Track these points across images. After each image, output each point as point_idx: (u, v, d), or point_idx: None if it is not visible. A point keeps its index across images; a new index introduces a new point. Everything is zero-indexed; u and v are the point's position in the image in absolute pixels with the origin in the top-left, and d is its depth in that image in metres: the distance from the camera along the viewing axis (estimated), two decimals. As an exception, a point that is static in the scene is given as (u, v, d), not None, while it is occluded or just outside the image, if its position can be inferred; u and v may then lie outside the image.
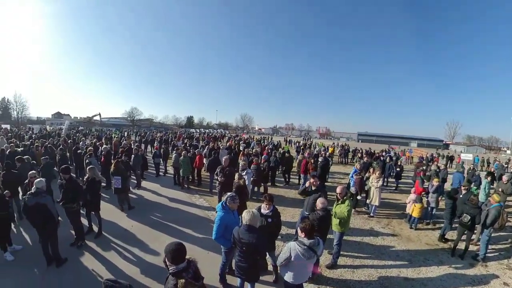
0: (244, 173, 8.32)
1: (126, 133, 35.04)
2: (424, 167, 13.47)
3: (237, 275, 3.93)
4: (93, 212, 6.72)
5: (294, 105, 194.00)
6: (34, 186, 5.20)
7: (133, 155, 11.26)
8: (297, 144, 27.36)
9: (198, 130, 67.45)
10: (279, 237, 6.00)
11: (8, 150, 10.58)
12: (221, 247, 4.58)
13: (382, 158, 17.64)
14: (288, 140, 42.22)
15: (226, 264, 4.70)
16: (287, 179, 12.69)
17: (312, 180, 6.35)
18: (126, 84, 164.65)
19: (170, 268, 2.38)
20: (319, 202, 4.89)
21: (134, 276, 4.96)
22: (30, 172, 6.65)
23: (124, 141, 18.25)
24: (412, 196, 8.39)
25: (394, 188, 13.22)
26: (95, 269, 5.18)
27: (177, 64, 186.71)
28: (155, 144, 19.81)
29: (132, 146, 13.86)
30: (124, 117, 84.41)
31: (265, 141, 33.20)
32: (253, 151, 14.14)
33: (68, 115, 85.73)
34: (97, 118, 69.90)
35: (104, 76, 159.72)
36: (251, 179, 9.18)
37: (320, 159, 11.90)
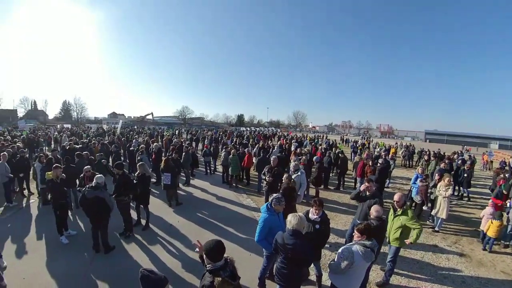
0: (295, 175, 7.94)
1: (177, 131, 37.10)
2: (506, 175, 11.36)
3: (277, 281, 3.72)
4: (142, 206, 7.14)
5: (352, 100, 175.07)
6: (94, 181, 5.70)
7: (183, 153, 11.71)
8: (354, 143, 25.29)
9: (248, 129, 68.51)
10: (326, 245, 5.60)
11: (68, 147, 12.05)
12: (263, 250, 4.45)
13: (450, 161, 14.56)
14: (344, 139, 39.52)
15: (266, 268, 4.55)
16: (341, 183, 11.92)
17: (366, 184, 5.77)
18: (178, 84, 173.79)
19: (207, 265, 2.40)
20: (373, 210, 4.44)
21: (174, 269, 5.14)
22: (85, 167, 7.36)
23: (175, 139, 19.24)
24: (489, 210, 7.09)
25: (465, 199, 11.36)
26: (138, 259, 5.50)
27: (228, 63, 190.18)
28: (205, 143, 20.42)
29: (183, 144, 14.51)
30: (175, 116, 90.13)
31: (319, 140, 31.83)
32: (305, 150, 13.63)
33: (123, 114, 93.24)
34: (150, 117, 75.16)
35: (157, 77, 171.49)
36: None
37: (380, 161, 10.91)
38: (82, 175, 7.34)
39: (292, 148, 16.21)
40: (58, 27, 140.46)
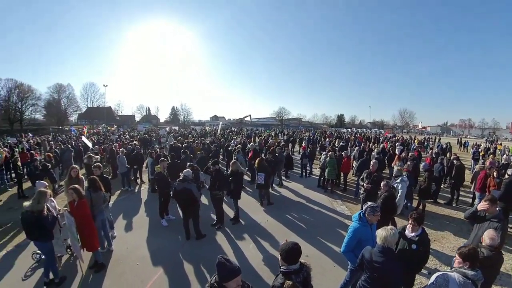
0: (396, 182, 7.22)
1: (273, 132, 38.09)
2: None
3: (356, 301, 3.45)
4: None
5: (472, 93, 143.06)
6: (182, 174, 6.63)
7: (277, 154, 11.96)
8: (476, 148, 20.24)
9: (349, 130, 64.94)
10: (423, 271, 4.88)
11: (172, 145, 14.68)
12: (348, 263, 4.22)
13: None
14: (462, 142, 32.39)
15: (348, 283, 4.28)
16: (455, 197, 9.91)
17: (485, 202, 4.41)
18: (274, 85, 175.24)
19: (281, 267, 2.48)
20: (487, 236, 3.48)
21: (254, 265, 5.50)
22: (188, 164, 8.56)
23: (271, 140, 19.91)
24: None
25: None
26: (224, 249, 6.18)
27: (327, 61, 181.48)
28: (302, 144, 20.17)
29: (278, 145, 14.82)
30: (272, 117, 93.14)
31: (430, 142, 27.89)
32: (409, 155, 12.07)
33: (223, 117, 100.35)
34: (248, 119, 78.83)
35: (255, 81, 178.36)
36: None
37: (508, 173, 8.10)
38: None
39: (397, 152, 14.63)
40: (165, 45, 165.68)
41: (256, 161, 9.44)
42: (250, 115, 79.09)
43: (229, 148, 13.97)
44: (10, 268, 5.53)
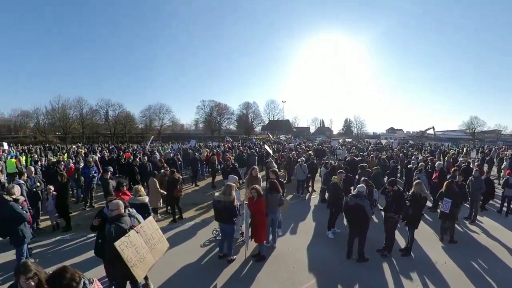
0: None
1: (464, 148, 31.96)
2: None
3: None
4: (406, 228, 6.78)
5: None
6: (356, 189, 6.43)
7: (471, 177, 9.51)
8: None
9: None
10: None
11: (347, 159, 14.29)
12: None
13: None
14: None
15: None
16: None
17: None
18: (462, 92, 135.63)
19: None
20: None
21: None
22: (362, 179, 8.10)
23: (461, 158, 17.00)
24: None
25: None
26: (386, 281, 5.54)
27: None
28: (502, 167, 15.66)
29: (471, 166, 12.46)
30: (462, 130, 75.92)
31: None
32: None
33: (401, 129, 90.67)
34: (431, 131, 69.62)
35: (439, 83, 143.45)
36: None
37: None
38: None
39: None
40: (335, 58, 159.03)
41: (444, 184, 7.83)
42: (433, 127, 69.38)
43: (408, 166, 12.61)
44: (194, 235, 7.67)
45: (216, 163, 14.81)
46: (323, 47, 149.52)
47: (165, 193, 8.57)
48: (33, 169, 8.85)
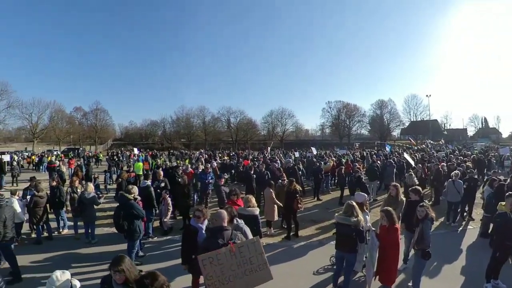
0: None
1: None
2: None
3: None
4: None
5: None
6: None
7: None
8: None
9: None
10: None
11: None
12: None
13: None
14: None
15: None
16: None
17: None
18: None
19: None
20: None
21: None
22: None
23: None
24: None
25: None
26: None
27: None
28: None
29: None
30: None
31: None
32: None
33: None
34: None
35: None
36: None
37: None
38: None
39: None
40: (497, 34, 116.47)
41: None
42: None
43: None
44: (307, 258, 6.62)
45: (344, 174, 12.62)
46: (486, 17, 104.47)
47: (282, 205, 7.92)
48: (161, 172, 9.57)
